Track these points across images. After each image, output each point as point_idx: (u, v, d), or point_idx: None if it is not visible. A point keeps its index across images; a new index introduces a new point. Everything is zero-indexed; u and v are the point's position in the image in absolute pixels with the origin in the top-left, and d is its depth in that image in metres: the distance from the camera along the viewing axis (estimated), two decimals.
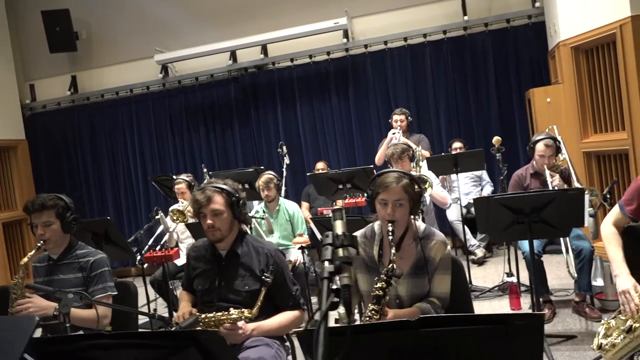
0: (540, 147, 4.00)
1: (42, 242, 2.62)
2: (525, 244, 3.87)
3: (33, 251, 2.63)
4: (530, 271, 3.89)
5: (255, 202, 5.39)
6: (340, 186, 4.69)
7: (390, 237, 2.13)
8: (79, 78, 7.50)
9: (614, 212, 2.58)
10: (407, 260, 2.29)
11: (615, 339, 2.35)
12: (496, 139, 4.76)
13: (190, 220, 4.50)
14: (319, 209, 5.50)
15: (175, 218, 4.52)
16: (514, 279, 4.23)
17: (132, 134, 7.36)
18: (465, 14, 6.30)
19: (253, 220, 4.45)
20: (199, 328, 2.26)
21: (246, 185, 5.08)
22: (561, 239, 3.79)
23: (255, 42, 6.71)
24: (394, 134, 5.34)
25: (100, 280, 2.68)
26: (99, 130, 7.46)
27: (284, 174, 5.50)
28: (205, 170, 5.47)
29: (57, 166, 7.58)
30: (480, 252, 5.77)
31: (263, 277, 2.33)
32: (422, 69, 6.49)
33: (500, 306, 4.32)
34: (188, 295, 2.65)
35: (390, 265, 2.09)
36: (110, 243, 4.29)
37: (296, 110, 6.86)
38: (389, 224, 2.17)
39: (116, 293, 2.72)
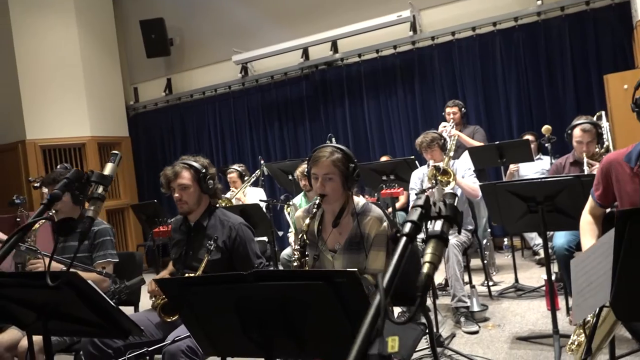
0: (577, 132, 3.66)
1: (53, 211, 3.01)
2: (557, 239, 3.58)
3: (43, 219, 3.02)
4: (560, 267, 3.62)
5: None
6: (384, 177, 4.73)
7: (315, 210, 2.16)
8: (173, 80, 8.25)
9: (589, 200, 2.35)
10: (345, 235, 2.30)
11: (578, 336, 2.19)
12: (545, 128, 4.45)
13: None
14: None
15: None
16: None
17: (215, 130, 7.93)
18: None
19: (286, 207, 4.60)
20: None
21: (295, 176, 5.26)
22: None
23: (325, 38, 6.88)
24: (444, 127, 5.13)
25: (102, 248, 3.01)
26: (188, 127, 8.16)
27: None
28: (262, 162, 5.75)
29: (154, 160, 8.38)
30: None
31: (207, 245, 2.48)
32: (492, 59, 6.19)
33: (539, 305, 4.01)
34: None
35: (301, 235, 2.12)
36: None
37: (363, 104, 6.91)
38: (317, 197, 2.20)
39: (117, 260, 3.04)
